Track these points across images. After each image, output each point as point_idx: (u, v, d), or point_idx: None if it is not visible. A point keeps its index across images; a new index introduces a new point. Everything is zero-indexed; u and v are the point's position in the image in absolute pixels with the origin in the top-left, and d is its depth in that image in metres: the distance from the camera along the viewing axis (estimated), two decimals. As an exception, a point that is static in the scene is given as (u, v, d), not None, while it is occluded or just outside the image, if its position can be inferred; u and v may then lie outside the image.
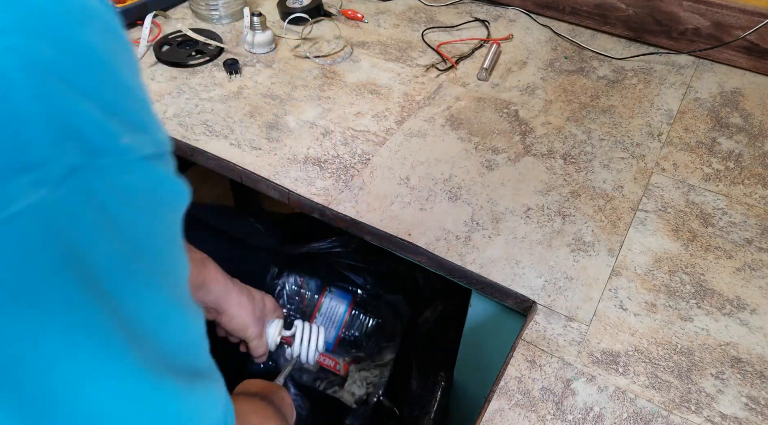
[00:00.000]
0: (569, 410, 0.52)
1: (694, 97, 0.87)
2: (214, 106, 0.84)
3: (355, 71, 0.91)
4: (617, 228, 0.68)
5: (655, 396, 0.53)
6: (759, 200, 0.71)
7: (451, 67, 0.93)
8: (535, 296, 0.61)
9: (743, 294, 0.61)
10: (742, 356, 0.56)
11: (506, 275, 0.63)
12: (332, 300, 0.92)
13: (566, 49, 0.98)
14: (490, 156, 0.77)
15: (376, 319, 0.93)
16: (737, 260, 0.65)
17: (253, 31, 0.93)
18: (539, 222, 0.68)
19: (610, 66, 0.93)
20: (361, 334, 0.92)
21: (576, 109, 0.85)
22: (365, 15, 1.04)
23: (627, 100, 0.87)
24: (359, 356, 0.95)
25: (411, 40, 0.99)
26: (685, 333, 0.58)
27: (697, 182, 0.74)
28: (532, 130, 0.81)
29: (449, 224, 0.68)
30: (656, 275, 0.63)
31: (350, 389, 0.94)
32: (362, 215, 0.68)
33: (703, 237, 0.67)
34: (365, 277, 0.94)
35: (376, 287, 0.94)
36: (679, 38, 0.94)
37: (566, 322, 0.59)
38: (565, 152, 0.78)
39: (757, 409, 0.52)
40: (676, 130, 0.82)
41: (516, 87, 0.89)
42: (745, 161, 0.77)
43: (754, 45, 0.89)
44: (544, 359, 0.56)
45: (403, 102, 0.85)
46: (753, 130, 0.82)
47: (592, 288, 0.62)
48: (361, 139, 0.79)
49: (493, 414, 0.52)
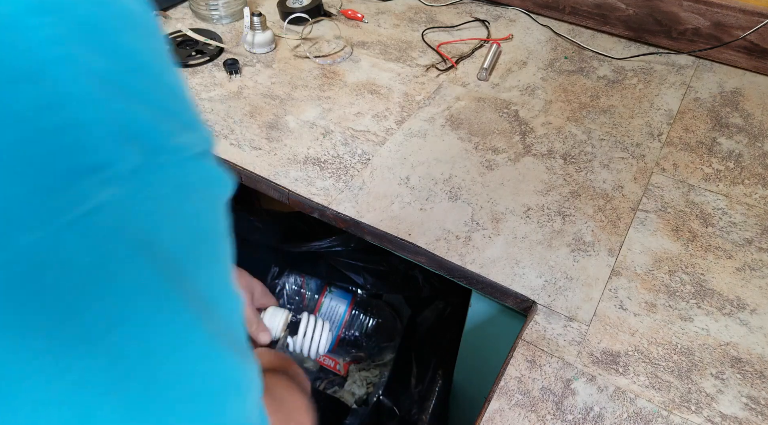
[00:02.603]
0: (569, 410, 0.52)
1: (694, 97, 0.87)
2: (214, 106, 0.84)
3: (355, 71, 0.91)
4: (617, 228, 0.68)
5: (655, 396, 0.53)
6: (759, 200, 0.71)
7: (451, 67, 0.93)
8: (535, 296, 0.61)
9: (743, 294, 0.61)
10: (742, 356, 0.56)
11: (506, 275, 0.63)
12: (332, 300, 0.92)
13: (566, 49, 0.98)
14: (490, 156, 0.77)
15: (376, 319, 0.93)
16: (737, 260, 0.65)
17: (253, 31, 0.93)
18: (539, 222, 0.68)
19: (610, 66, 0.93)
20: (361, 334, 0.92)
21: (576, 109, 0.85)
22: (365, 15, 1.04)
23: (627, 100, 0.87)
24: (359, 356, 0.95)
25: (411, 40, 0.99)
26: (685, 333, 0.58)
27: (697, 182, 0.74)
28: (532, 130, 0.81)
29: (449, 224, 0.68)
30: (656, 275, 0.63)
31: (350, 389, 0.94)
32: (362, 215, 0.68)
33: (703, 237, 0.67)
34: (365, 277, 0.94)
35: (376, 287, 0.94)
36: (679, 38, 0.94)
37: (566, 322, 0.59)
38: (565, 152, 0.78)
39: (757, 409, 0.52)
40: (676, 130, 0.82)
41: (516, 87, 0.89)
42: (745, 161, 0.77)
43: (754, 45, 0.89)
44: (544, 359, 0.56)
45: (403, 102, 0.85)
46: (753, 130, 0.82)
47: (592, 288, 0.62)
48: (361, 139, 0.79)
49: (493, 414, 0.52)
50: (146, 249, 0.25)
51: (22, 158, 0.21)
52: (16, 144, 0.21)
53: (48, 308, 0.23)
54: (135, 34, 0.24)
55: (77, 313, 0.23)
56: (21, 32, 0.21)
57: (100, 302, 0.24)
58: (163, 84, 0.26)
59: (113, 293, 0.24)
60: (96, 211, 0.22)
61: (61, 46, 0.21)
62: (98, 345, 0.25)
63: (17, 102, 0.21)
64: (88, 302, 0.24)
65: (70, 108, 0.21)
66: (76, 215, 0.22)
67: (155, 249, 0.25)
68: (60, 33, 0.21)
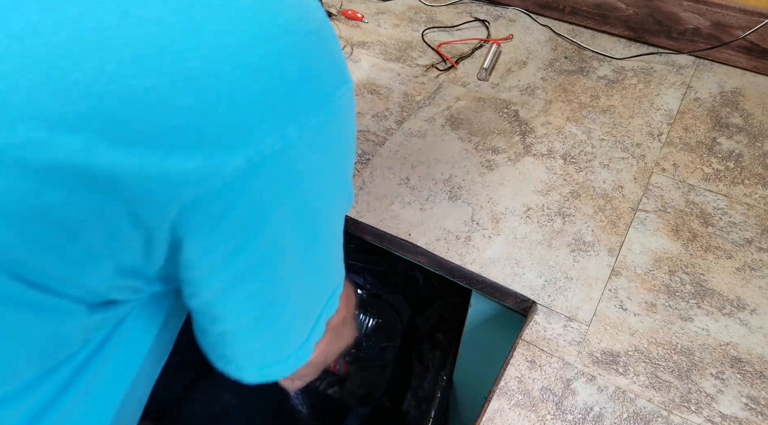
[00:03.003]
0: (569, 410, 0.52)
1: (694, 97, 0.87)
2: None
3: (355, 71, 0.91)
4: (617, 228, 0.68)
5: (655, 396, 0.53)
6: (759, 200, 0.71)
7: (451, 67, 0.93)
8: (535, 296, 0.61)
9: (743, 294, 0.61)
10: (742, 356, 0.56)
11: (506, 275, 0.63)
12: (332, 300, 0.92)
13: (566, 49, 0.98)
14: (490, 156, 0.77)
15: (376, 319, 0.93)
16: (737, 260, 0.65)
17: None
18: (539, 222, 0.68)
19: (610, 66, 0.93)
20: (361, 334, 0.92)
21: (576, 109, 0.85)
22: (365, 15, 1.04)
23: (627, 100, 0.87)
24: (359, 356, 0.95)
25: (411, 40, 0.99)
26: (685, 333, 0.58)
27: (697, 182, 0.74)
28: (532, 130, 0.81)
29: (449, 224, 0.68)
30: (656, 275, 0.63)
31: (350, 389, 0.94)
32: (362, 215, 0.68)
33: (703, 237, 0.67)
34: (365, 277, 0.94)
35: (376, 287, 0.94)
36: (679, 38, 0.94)
37: (566, 322, 0.59)
38: (565, 152, 0.78)
39: (757, 409, 0.52)
40: (676, 130, 0.82)
41: (516, 87, 0.89)
42: (745, 161, 0.77)
43: (754, 45, 0.89)
44: (544, 359, 0.56)
45: (403, 102, 0.85)
46: (753, 130, 0.82)
47: (592, 288, 0.62)
48: (361, 139, 0.79)
49: (493, 414, 0.52)
50: (299, 207, 0.33)
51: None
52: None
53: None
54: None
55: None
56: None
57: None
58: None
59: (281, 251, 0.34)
60: (270, 158, 0.29)
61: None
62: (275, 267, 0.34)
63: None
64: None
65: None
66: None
67: (305, 206, 0.33)
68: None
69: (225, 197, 0.28)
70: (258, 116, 0.27)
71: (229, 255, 0.31)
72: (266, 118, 0.27)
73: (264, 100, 0.27)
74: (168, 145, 0.25)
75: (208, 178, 0.27)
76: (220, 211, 0.28)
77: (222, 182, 0.27)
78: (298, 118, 0.29)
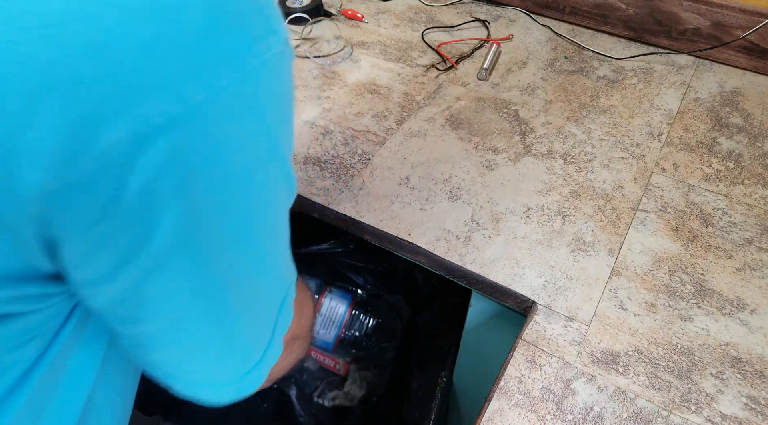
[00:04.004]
0: (569, 410, 0.52)
1: (694, 97, 0.87)
2: (214, 106, 0.83)
3: (355, 71, 0.91)
4: (617, 228, 0.68)
5: (655, 396, 0.53)
6: (759, 200, 0.71)
7: (451, 67, 0.93)
8: (535, 296, 0.61)
9: (743, 294, 0.61)
10: (742, 356, 0.56)
11: (506, 275, 0.63)
12: (332, 301, 0.92)
13: (566, 49, 0.98)
14: (490, 156, 0.77)
15: (376, 319, 0.93)
16: (737, 260, 0.65)
17: (253, 31, 0.93)
18: (539, 222, 0.68)
19: (610, 66, 0.93)
20: (361, 334, 0.92)
21: (576, 109, 0.85)
22: (365, 15, 1.04)
23: (627, 100, 0.87)
24: (359, 356, 0.95)
25: (411, 40, 0.99)
26: (685, 333, 0.58)
27: (697, 182, 0.74)
28: (532, 130, 0.81)
29: (449, 224, 0.68)
30: (656, 275, 0.63)
31: (350, 389, 0.94)
32: (362, 215, 0.68)
33: (703, 237, 0.67)
34: (365, 277, 0.94)
35: (376, 287, 0.94)
36: (679, 38, 0.94)
37: (566, 322, 0.59)
38: (565, 152, 0.78)
39: (757, 409, 0.52)
40: (676, 130, 0.82)
41: (516, 87, 0.89)
42: (745, 161, 0.77)
43: (754, 45, 0.89)
44: (544, 359, 0.56)
45: (403, 102, 0.85)
46: (753, 130, 0.82)
47: (592, 288, 0.62)
48: (361, 139, 0.79)
49: (493, 414, 0.52)
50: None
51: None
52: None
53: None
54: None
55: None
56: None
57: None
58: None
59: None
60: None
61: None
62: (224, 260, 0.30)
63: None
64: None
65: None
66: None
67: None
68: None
69: (103, 182, 0.22)
70: (143, 74, 0.22)
71: (125, 251, 0.26)
72: (156, 76, 0.22)
73: (150, 52, 0.22)
74: (10, 123, 0.20)
75: (72, 162, 0.21)
76: (101, 198, 0.23)
77: (95, 164, 0.22)
78: (202, 77, 0.23)
